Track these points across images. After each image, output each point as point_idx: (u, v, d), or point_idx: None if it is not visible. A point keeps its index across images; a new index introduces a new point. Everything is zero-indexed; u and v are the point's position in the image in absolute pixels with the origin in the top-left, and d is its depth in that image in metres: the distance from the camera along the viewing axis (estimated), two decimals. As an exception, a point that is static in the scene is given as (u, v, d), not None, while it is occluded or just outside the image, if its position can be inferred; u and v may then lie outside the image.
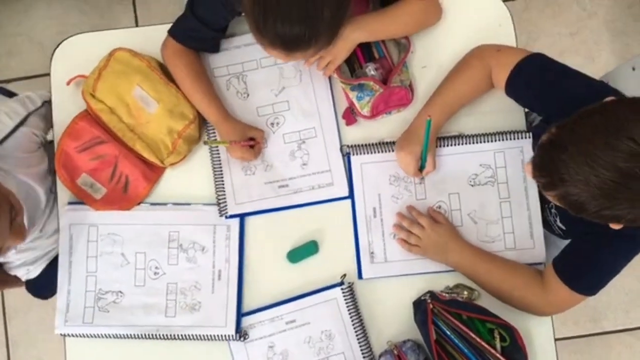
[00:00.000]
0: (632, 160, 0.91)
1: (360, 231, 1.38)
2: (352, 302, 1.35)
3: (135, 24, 2.42)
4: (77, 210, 1.40)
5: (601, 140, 0.93)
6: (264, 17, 1.10)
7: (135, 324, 1.36)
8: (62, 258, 1.39)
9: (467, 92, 1.33)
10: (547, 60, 1.25)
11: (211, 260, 1.38)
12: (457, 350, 1.30)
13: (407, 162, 1.33)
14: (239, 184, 1.39)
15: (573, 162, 0.95)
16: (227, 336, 1.35)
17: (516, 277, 1.30)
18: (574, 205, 0.99)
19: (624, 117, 0.93)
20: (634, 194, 0.93)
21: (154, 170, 1.41)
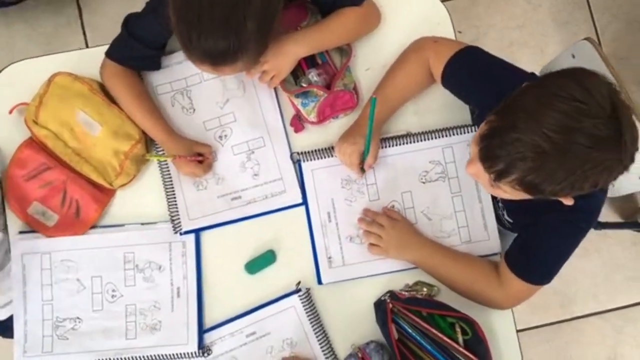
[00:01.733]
0: (582, 119, 0.92)
1: (316, 236, 1.38)
2: (310, 308, 1.35)
3: (86, 46, 2.39)
4: (28, 240, 1.38)
5: (542, 108, 0.94)
6: (188, 33, 1.10)
7: (96, 349, 1.34)
8: (17, 288, 1.37)
9: (406, 88, 1.35)
10: (482, 53, 1.27)
11: (169, 279, 1.36)
12: (420, 347, 1.31)
13: (348, 153, 1.32)
14: (192, 199, 1.39)
15: (524, 135, 0.95)
16: (190, 354, 1.34)
17: (474, 272, 1.32)
18: (531, 186, 0.99)
19: (560, 82, 0.96)
20: (588, 155, 0.93)
21: (104, 192, 1.39)
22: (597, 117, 0.92)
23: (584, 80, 0.96)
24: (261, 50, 1.19)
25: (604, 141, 0.93)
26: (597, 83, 0.95)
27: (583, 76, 0.97)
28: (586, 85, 0.94)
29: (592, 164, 0.94)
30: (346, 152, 1.34)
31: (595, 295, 2.35)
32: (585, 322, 2.35)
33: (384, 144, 1.39)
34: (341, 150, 1.35)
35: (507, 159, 0.98)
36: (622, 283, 2.36)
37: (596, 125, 0.92)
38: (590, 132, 0.92)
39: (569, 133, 0.93)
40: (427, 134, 1.40)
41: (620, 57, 2.43)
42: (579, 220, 1.18)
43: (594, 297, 2.35)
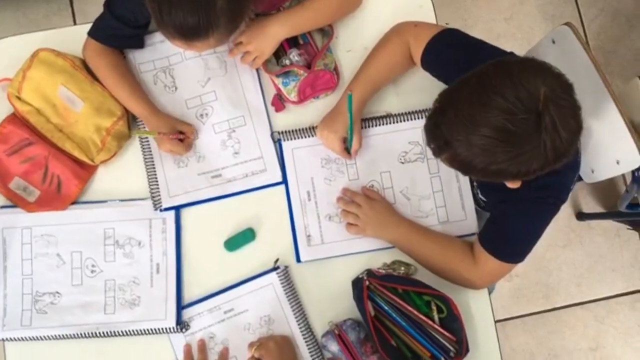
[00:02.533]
0: (502, 115, 0.96)
1: (295, 215, 1.40)
2: (288, 285, 1.36)
3: (75, 33, 2.40)
4: (9, 214, 1.39)
5: (475, 100, 0.99)
6: (159, 8, 1.11)
7: (75, 324, 1.35)
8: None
9: (387, 67, 1.36)
10: (461, 35, 1.29)
11: (148, 255, 1.37)
12: (396, 324, 1.32)
13: (332, 140, 1.35)
14: (172, 176, 1.40)
15: (454, 123, 1.01)
16: (168, 329, 1.34)
17: (450, 251, 1.33)
18: (463, 166, 1.05)
19: (494, 76, 0.99)
20: (509, 145, 0.98)
21: (86, 168, 1.40)
22: (520, 115, 0.95)
23: (517, 76, 0.97)
24: (233, 27, 1.20)
25: (523, 136, 0.96)
26: (531, 79, 0.97)
27: (520, 71, 0.99)
28: (516, 80, 0.97)
29: (510, 155, 0.98)
30: (328, 139, 1.36)
31: (578, 286, 2.37)
32: (567, 313, 2.37)
33: (364, 125, 1.41)
34: (323, 136, 1.37)
35: (438, 141, 1.05)
36: (604, 274, 2.38)
37: (517, 121, 0.95)
38: (510, 127, 0.95)
39: (492, 127, 0.97)
40: (406, 114, 1.41)
41: (607, 50, 2.46)
42: (547, 196, 1.19)
43: (576, 287, 2.37)
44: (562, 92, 0.97)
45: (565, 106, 0.97)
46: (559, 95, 0.96)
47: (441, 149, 1.05)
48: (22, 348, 1.37)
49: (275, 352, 1.28)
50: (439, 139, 1.04)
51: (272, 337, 1.32)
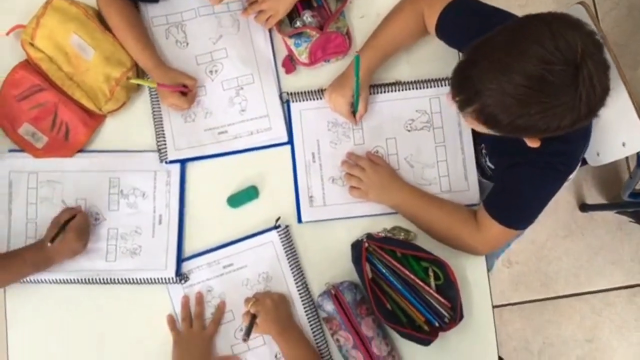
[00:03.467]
0: (540, 63, 0.95)
1: (299, 176, 1.40)
2: (288, 244, 1.37)
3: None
4: (16, 158, 1.40)
5: (512, 48, 0.97)
6: None
7: (76, 269, 1.36)
8: (1, 205, 1.39)
9: (399, 35, 1.36)
10: (474, 2, 1.29)
11: (152, 206, 1.39)
12: (392, 288, 1.33)
13: (339, 103, 1.35)
14: (179, 130, 1.41)
15: (487, 72, 0.99)
16: (167, 279, 1.36)
17: (452, 217, 1.33)
18: (489, 119, 1.03)
19: (532, 25, 0.98)
20: (545, 96, 0.96)
21: (94, 117, 1.41)
22: (558, 65, 0.94)
23: (556, 26, 0.97)
24: None
25: (559, 88, 0.95)
26: (568, 31, 0.96)
27: (557, 22, 0.99)
28: (555, 30, 0.96)
29: (544, 107, 0.97)
30: (336, 102, 1.36)
31: (576, 277, 2.38)
32: (565, 302, 2.37)
33: (373, 91, 1.41)
34: (331, 99, 1.37)
35: (467, 92, 1.03)
36: (604, 266, 2.38)
37: (555, 72, 0.94)
38: (547, 77, 0.95)
39: (528, 76, 0.96)
40: (415, 83, 1.42)
41: (619, 43, 2.45)
42: (558, 163, 1.19)
43: (575, 278, 2.38)
44: (595, 49, 0.97)
45: (600, 62, 0.97)
46: (592, 51, 0.96)
47: (470, 101, 1.03)
48: (21, 292, 1.38)
49: (271, 308, 1.29)
50: (468, 90, 1.02)
51: (268, 293, 1.33)
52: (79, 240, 1.31)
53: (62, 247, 1.30)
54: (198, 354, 1.30)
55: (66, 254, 1.32)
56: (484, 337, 1.37)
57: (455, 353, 1.36)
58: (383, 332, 1.34)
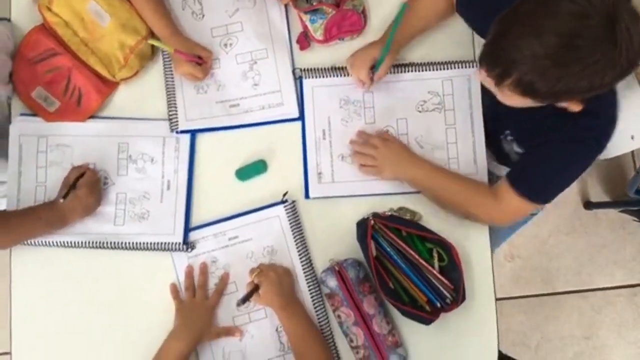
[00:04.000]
0: (573, 20, 0.93)
1: (309, 152, 1.41)
2: (294, 219, 1.37)
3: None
4: (27, 122, 1.41)
5: (542, 10, 0.96)
6: None
7: (84, 232, 1.37)
8: (12, 168, 1.40)
9: (427, 13, 1.36)
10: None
11: (160, 171, 1.39)
12: (396, 267, 1.33)
13: (361, 61, 1.34)
14: (191, 101, 1.41)
15: (519, 39, 0.97)
16: (174, 244, 1.36)
17: (469, 189, 1.33)
18: (528, 88, 1.01)
19: None
20: (582, 53, 0.94)
21: (107, 84, 1.42)
22: (592, 19, 0.93)
23: None
24: None
25: (596, 43, 0.94)
26: None
27: None
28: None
29: (583, 64, 0.95)
30: (359, 59, 1.34)
31: (578, 274, 2.38)
32: (565, 299, 2.37)
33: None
34: (355, 56, 1.36)
35: (502, 64, 1.01)
36: (605, 265, 2.38)
37: (590, 27, 0.93)
38: (583, 33, 0.93)
39: (562, 34, 0.94)
40: (429, 65, 1.42)
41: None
42: (589, 138, 1.17)
43: (576, 275, 2.38)
44: (625, 1, 0.96)
45: (632, 12, 0.95)
46: (623, 1, 0.94)
47: (506, 73, 1.00)
48: (27, 253, 1.39)
49: (275, 281, 1.29)
50: (503, 62, 1.00)
51: (273, 266, 1.34)
52: (91, 195, 1.32)
53: (75, 204, 1.31)
54: (200, 323, 1.31)
55: (80, 212, 1.32)
56: (484, 321, 1.38)
57: (455, 335, 1.36)
58: (384, 310, 1.34)
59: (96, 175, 1.36)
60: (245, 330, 1.35)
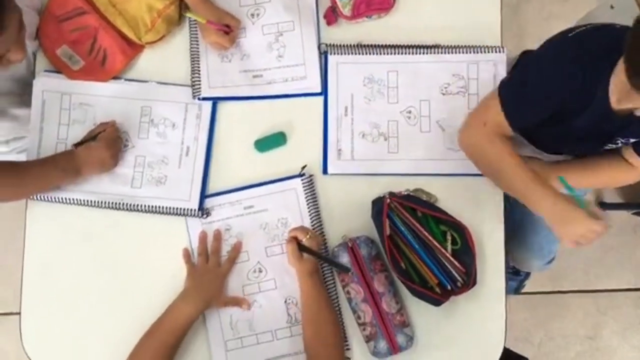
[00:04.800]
0: None
1: (330, 127, 1.41)
2: (310, 193, 1.38)
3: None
4: (51, 78, 1.41)
5: None
6: None
7: (101, 192, 1.38)
8: (34, 123, 1.40)
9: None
10: None
11: (180, 137, 1.40)
12: (408, 246, 1.33)
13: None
14: (215, 69, 1.41)
15: None
16: (190, 210, 1.37)
17: (605, 165, 1.35)
18: None
19: None
20: None
21: (132, 46, 1.42)
22: None
23: None
24: None
25: None
26: None
27: None
28: None
29: None
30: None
31: (585, 274, 2.37)
32: (571, 298, 2.36)
33: (412, 51, 1.41)
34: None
35: None
36: (614, 267, 2.37)
37: None
38: None
39: None
40: (455, 48, 1.41)
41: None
42: None
43: (584, 275, 2.37)
44: None
45: None
46: None
47: None
48: (42, 211, 1.40)
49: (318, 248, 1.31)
50: None
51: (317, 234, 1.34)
52: (107, 150, 1.32)
53: (90, 155, 1.32)
54: (210, 289, 1.32)
55: (94, 164, 1.33)
56: (493, 307, 1.38)
57: (463, 318, 1.36)
58: (394, 290, 1.35)
59: (117, 133, 1.36)
60: (254, 300, 1.36)
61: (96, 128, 1.36)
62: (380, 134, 1.41)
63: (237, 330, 1.34)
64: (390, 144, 1.41)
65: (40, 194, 1.37)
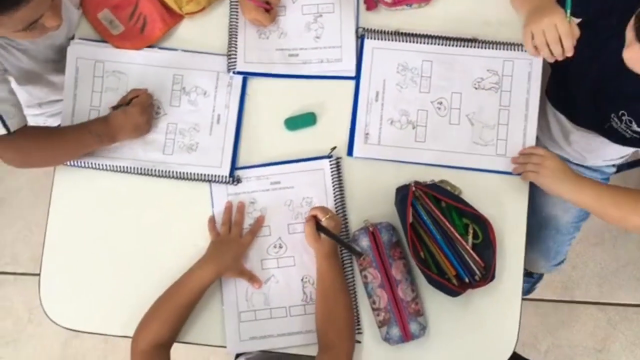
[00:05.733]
0: None
1: (359, 111, 1.41)
2: (337, 175, 1.38)
3: None
4: (85, 45, 1.43)
5: None
6: None
7: (132, 157, 1.40)
8: (67, 90, 1.42)
9: None
10: None
11: (212, 105, 1.41)
12: (429, 236, 1.34)
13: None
14: (251, 44, 1.42)
15: None
16: (221, 177, 1.38)
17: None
18: None
19: None
20: None
21: (173, 15, 1.43)
22: None
23: None
24: None
25: None
26: None
27: None
28: None
29: None
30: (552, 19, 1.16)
31: (599, 286, 2.35)
32: (582, 308, 2.35)
33: (448, 43, 1.41)
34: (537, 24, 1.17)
35: None
36: (629, 280, 2.35)
37: None
38: None
39: None
40: (492, 43, 1.41)
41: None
42: None
43: (597, 287, 2.35)
44: None
45: None
46: None
47: None
48: (70, 175, 1.42)
49: (335, 230, 1.30)
50: None
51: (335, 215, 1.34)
52: (141, 115, 1.34)
53: (125, 120, 1.33)
54: (229, 258, 1.33)
55: (129, 129, 1.35)
56: (509, 304, 1.37)
57: (477, 313, 1.36)
58: (411, 278, 1.35)
59: (150, 99, 1.38)
60: (272, 275, 1.37)
61: (129, 94, 1.38)
62: (409, 122, 1.41)
63: (252, 302, 1.35)
64: (417, 132, 1.41)
65: (75, 160, 1.40)
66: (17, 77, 1.36)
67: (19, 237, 2.34)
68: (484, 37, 1.42)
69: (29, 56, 1.34)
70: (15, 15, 1.06)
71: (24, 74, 1.37)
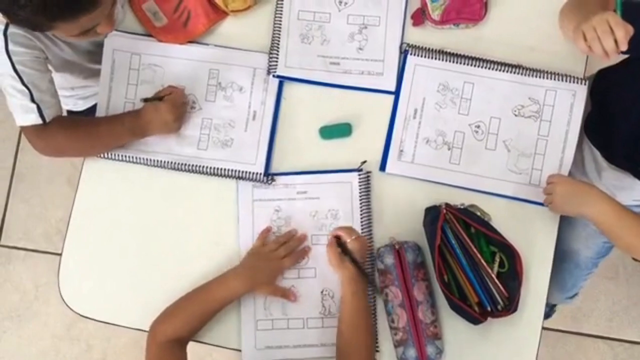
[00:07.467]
0: None
1: (396, 127, 1.40)
2: (365, 190, 1.37)
3: None
4: (122, 37, 1.42)
5: None
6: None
7: (167, 152, 1.39)
8: (103, 82, 1.41)
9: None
10: None
11: (247, 101, 1.40)
12: (455, 260, 1.32)
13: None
14: (294, 48, 1.41)
15: None
16: (256, 174, 1.37)
17: None
18: None
19: None
20: None
21: (217, 12, 1.42)
22: None
23: None
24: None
25: None
26: None
27: None
28: None
29: None
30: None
31: (609, 321, 2.33)
32: (590, 342, 2.33)
33: (492, 67, 1.39)
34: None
35: None
36: (639, 319, 2.33)
37: None
38: None
39: None
40: (537, 71, 1.39)
41: None
42: None
43: (607, 321, 2.33)
44: None
45: None
46: None
47: None
48: (99, 166, 1.42)
49: (363, 254, 1.29)
50: None
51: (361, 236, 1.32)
52: (171, 112, 1.32)
53: (154, 115, 1.32)
54: (264, 277, 1.31)
55: (158, 125, 1.34)
56: (527, 337, 1.35)
57: (495, 342, 1.35)
58: (432, 301, 1.34)
59: (183, 99, 1.37)
60: (292, 285, 1.35)
61: (164, 89, 1.37)
62: (445, 142, 1.39)
63: (270, 311, 1.34)
64: (453, 154, 1.39)
65: (108, 152, 1.39)
66: (55, 65, 1.36)
67: (34, 213, 2.33)
68: (528, 64, 1.40)
69: (72, 47, 1.34)
70: (74, 23, 1.08)
71: (63, 62, 1.37)
